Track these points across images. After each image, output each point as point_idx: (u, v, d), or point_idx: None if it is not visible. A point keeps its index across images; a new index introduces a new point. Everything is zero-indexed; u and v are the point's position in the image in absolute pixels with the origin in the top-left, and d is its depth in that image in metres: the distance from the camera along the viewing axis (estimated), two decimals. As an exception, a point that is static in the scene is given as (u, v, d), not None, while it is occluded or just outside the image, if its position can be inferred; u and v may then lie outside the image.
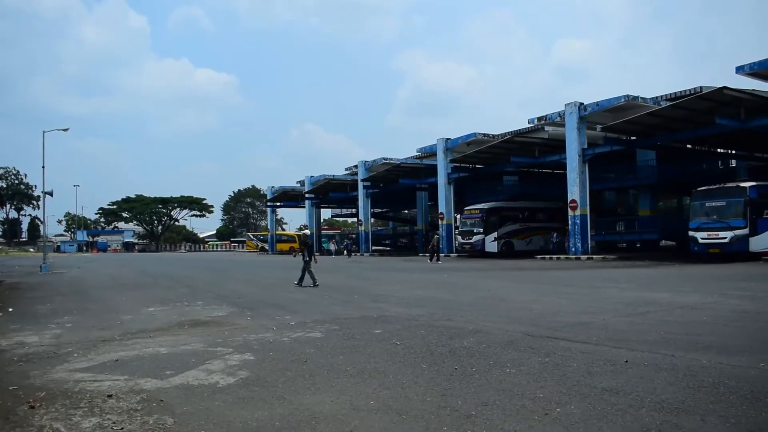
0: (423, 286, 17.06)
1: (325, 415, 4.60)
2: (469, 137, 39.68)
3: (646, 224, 35.55)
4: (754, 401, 4.60)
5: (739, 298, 11.67)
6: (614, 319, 9.14)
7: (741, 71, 25.06)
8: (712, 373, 5.50)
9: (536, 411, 4.52)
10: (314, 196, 59.61)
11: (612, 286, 15.13)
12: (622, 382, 5.25)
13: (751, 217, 24.25)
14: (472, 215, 38.03)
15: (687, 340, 7.13)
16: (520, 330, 8.18)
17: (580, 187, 31.27)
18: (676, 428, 4.04)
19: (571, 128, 31.45)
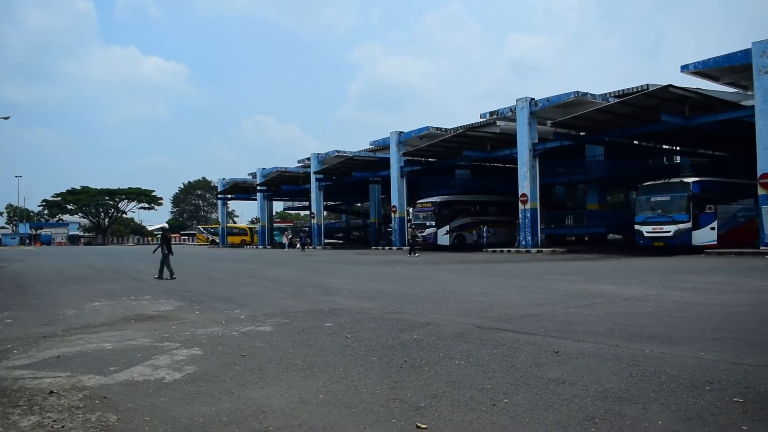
0: (375, 279, 17.08)
1: (273, 409, 4.56)
2: (422, 131, 39.88)
3: (594, 218, 36.35)
4: (693, 389, 4.74)
5: (681, 289, 12.01)
6: (562, 310, 9.30)
7: (686, 70, 25.76)
8: (654, 362, 5.65)
9: (484, 402, 4.57)
10: (266, 189, 59.06)
11: (560, 279, 15.41)
12: (568, 373, 5.35)
13: (694, 212, 25.02)
14: (425, 208, 38.28)
15: (631, 331, 7.30)
16: (470, 322, 8.25)
17: (531, 182, 31.75)
18: (619, 416, 4.13)
19: (522, 123, 31.89)
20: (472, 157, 37.43)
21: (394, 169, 41.78)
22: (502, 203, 38.73)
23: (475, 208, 39.09)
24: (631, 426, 3.94)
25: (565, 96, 30.37)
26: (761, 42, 23.19)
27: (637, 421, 4.02)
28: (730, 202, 27.40)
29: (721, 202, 26.33)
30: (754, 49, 23.36)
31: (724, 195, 26.92)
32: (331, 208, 68.91)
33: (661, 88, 24.39)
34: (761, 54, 23.10)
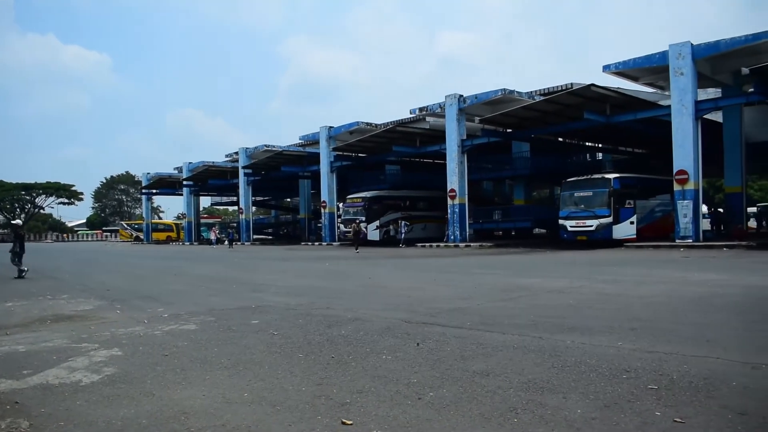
0: (304, 275, 16.96)
1: (195, 409, 4.43)
2: (352, 126, 39.85)
3: (520, 213, 37.20)
4: (611, 378, 4.89)
5: (602, 282, 12.43)
6: (488, 304, 9.45)
7: (607, 70, 26.66)
8: (575, 353, 5.80)
9: (410, 396, 4.58)
10: (193, 184, 57.79)
11: (487, 273, 15.69)
12: (492, 365, 5.42)
13: (614, 207, 25.96)
14: (355, 204, 38.29)
15: (554, 323, 7.48)
16: (397, 317, 8.28)
17: (459, 177, 32.21)
18: (540, 406, 4.21)
19: (451, 120, 32.32)
20: (401, 153, 37.67)
21: (324, 164, 41.60)
22: (432, 198, 39.16)
23: (404, 204, 39.37)
24: (551, 415, 4.03)
25: (492, 93, 30.94)
26: (677, 44, 24.22)
27: (557, 410, 4.11)
28: (648, 198, 28.63)
29: (640, 198, 27.44)
30: (671, 51, 24.37)
31: (642, 191, 28.06)
32: (260, 203, 68.06)
33: (584, 87, 25.16)
34: (677, 56, 24.13)
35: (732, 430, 3.67)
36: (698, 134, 24.24)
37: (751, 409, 4.02)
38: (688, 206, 24.04)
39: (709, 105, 25.54)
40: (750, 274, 13.32)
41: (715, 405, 4.14)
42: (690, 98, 24.03)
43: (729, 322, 7.38)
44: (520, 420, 3.95)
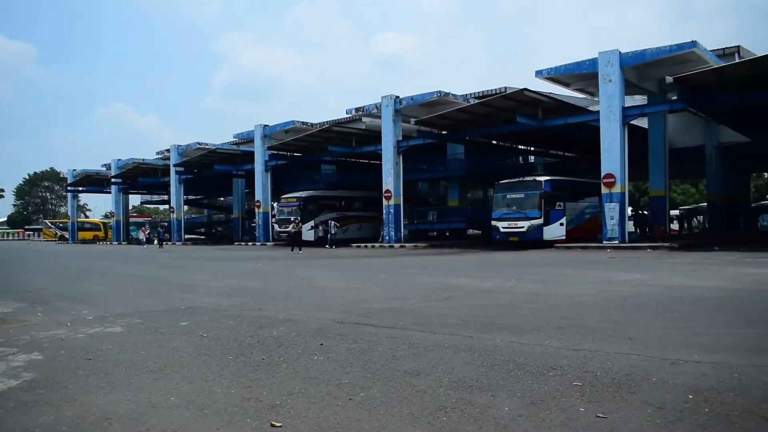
0: (237, 275, 16.71)
1: (119, 415, 4.29)
2: (288, 125, 39.54)
3: (454, 214, 37.69)
4: (538, 375, 5.00)
5: (532, 282, 12.71)
6: (421, 304, 9.53)
7: (540, 75, 27.29)
8: (504, 351, 5.91)
9: (341, 397, 4.56)
10: (122, 181, 56.12)
11: (421, 273, 15.81)
12: (423, 364, 5.46)
13: (545, 209, 26.60)
14: (290, 203, 37.95)
15: (484, 322, 7.60)
16: (330, 317, 8.25)
17: (395, 178, 32.38)
18: (469, 404, 4.27)
19: (387, 120, 32.46)
20: (337, 153, 37.58)
21: (258, 163, 41.10)
22: (367, 199, 39.24)
23: (340, 204, 39.30)
24: (479, 413, 4.09)
25: (428, 95, 31.25)
26: (607, 52, 25.00)
27: (485, 408, 4.18)
28: (578, 200, 29.45)
29: (570, 200, 28.21)
30: (600, 58, 25.14)
31: (572, 193, 28.85)
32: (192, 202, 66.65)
33: (517, 92, 25.68)
34: (606, 63, 24.91)
35: (651, 424, 3.81)
36: (625, 139, 25.09)
37: (668, 404, 4.18)
38: (615, 209, 24.84)
39: (636, 111, 26.47)
40: (671, 275, 13.86)
41: (636, 400, 4.29)
42: (617, 104, 24.84)
43: (651, 320, 7.65)
44: (449, 419, 4.00)
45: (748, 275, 13.11)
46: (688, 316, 7.84)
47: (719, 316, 7.78)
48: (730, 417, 3.90)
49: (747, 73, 21.78)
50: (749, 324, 7.17)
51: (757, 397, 4.28)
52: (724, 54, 28.39)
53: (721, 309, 8.40)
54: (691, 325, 7.18)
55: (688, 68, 23.80)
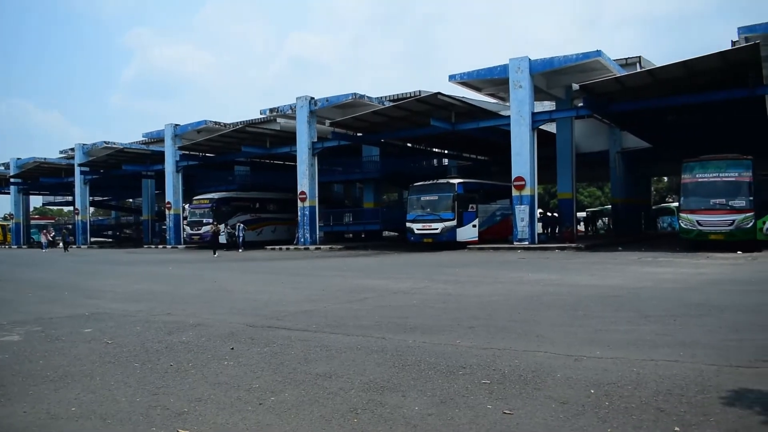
0: (145, 279, 16.18)
1: (16, 428, 4.07)
2: (200, 124, 38.64)
3: (370, 216, 37.81)
4: (448, 374, 5.08)
5: (445, 282, 12.90)
6: (335, 306, 9.50)
7: (453, 79, 27.78)
8: (416, 352, 5.97)
9: (251, 401, 4.49)
10: (21, 182, 53.17)
11: (336, 275, 15.79)
12: (335, 366, 5.45)
13: (458, 211, 27.07)
14: (202, 205, 37.06)
15: (397, 323, 7.66)
16: (242, 321, 8.10)
17: (310, 179, 32.20)
18: (380, 405, 4.29)
19: (302, 122, 32.25)
20: (251, 154, 36.99)
21: (169, 164, 39.90)
22: (282, 200, 38.85)
23: (254, 205, 38.72)
24: (390, 413, 4.11)
25: (343, 97, 31.25)
26: (517, 59, 25.73)
27: (396, 409, 4.21)
28: (490, 202, 30.17)
29: (482, 202, 28.86)
30: (511, 65, 25.85)
31: (484, 195, 29.53)
32: (99, 203, 63.97)
33: (431, 95, 26.07)
34: (516, 70, 25.63)
35: (554, 419, 3.94)
36: (534, 143, 25.89)
37: (571, 398, 4.34)
38: (525, 211, 25.59)
39: (544, 117, 27.37)
40: (577, 274, 14.41)
41: (541, 396, 4.43)
42: (527, 110, 25.61)
43: (557, 318, 7.92)
44: (360, 420, 4.00)
45: (648, 274, 13.78)
46: (593, 314, 8.16)
47: (621, 314, 8.13)
48: (628, 409, 4.08)
49: (646, 82, 22.95)
50: (648, 321, 7.53)
51: (653, 390, 4.51)
52: (627, 64, 29.83)
53: (623, 307, 8.79)
54: (595, 323, 7.48)
55: (593, 76, 24.83)
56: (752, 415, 3.90)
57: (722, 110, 25.64)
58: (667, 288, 10.90)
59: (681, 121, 28.58)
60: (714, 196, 21.05)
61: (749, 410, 3.98)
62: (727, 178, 21.12)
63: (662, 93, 23.47)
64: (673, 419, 3.87)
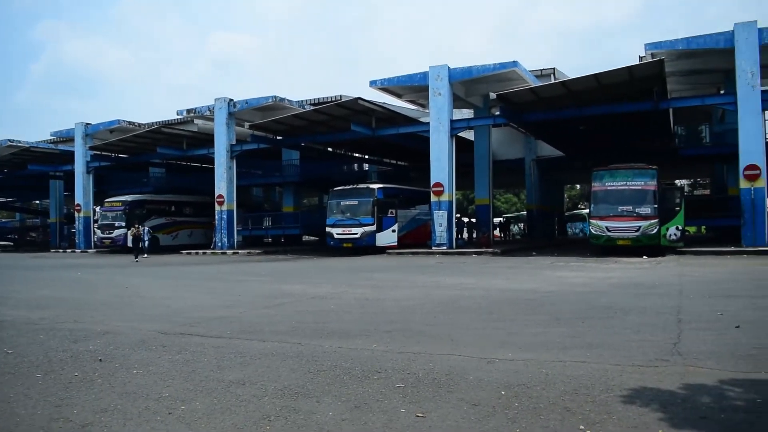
0: (52, 285, 15.44)
1: None
2: (113, 124, 37.34)
3: (289, 220, 37.56)
4: (363, 379, 5.09)
5: (363, 287, 12.94)
6: (251, 311, 9.36)
7: (374, 85, 27.95)
8: (332, 357, 5.95)
9: (160, 411, 4.35)
10: None
11: (253, 280, 15.56)
12: (249, 373, 5.36)
13: (378, 216, 27.23)
14: (114, 208, 35.74)
15: (314, 328, 7.61)
16: (153, 328, 7.85)
17: (228, 183, 31.66)
18: (293, 412, 4.25)
19: (221, 123, 31.67)
20: (167, 155, 36.02)
21: (79, 164, 38.27)
22: (200, 204, 37.97)
23: (170, 208, 37.67)
24: (304, 420, 4.08)
25: (263, 99, 30.92)
26: (437, 67, 26.14)
27: (310, 415, 4.18)
28: (409, 207, 30.51)
29: (402, 207, 29.15)
30: (431, 72, 26.24)
31: (404, 201, 29.84)
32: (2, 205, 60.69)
33: (352, 101, 26.13)
34: (436, 77, 26.05)
35: (466, 420, 4.01)
36: (453, 150, 26.37)
37: (483, 400, 4.43)
38: (443, 216, 26.00)
39: (463, 124, 27.92)
40: (492, 278, 14.75)
41: (454, 398, 4.50)
42: (446, 117, 26.06)
43: (472, 322, 8.08)
44: (273, 427, 3.95)
45: (560, 278, 14.26)
46: (506, 317, 8.37)
47: (533, 317, 8.37)
48: (536, 409, 4.20)
49: (560, 93, 23.80)
50: (558, 323, 7.78)
51: (561, 390, 4.66)
52: (542, 75, 30.89)
53: (536, 310, 9.06)
54: (508, 326, 7.67)
55: (510, 86, 25.53)
56: (651, 412, 4.09)
57: (631, 121, 26.86)
58: (577, 291, 11.29)
59: (592, 131, 29.77)
60: (622, 204, 22.01)
61: (648, 407, 4.18)
62: (634, 186, 22.13)
63: (575, 104, 24.39)
64: (578, 418, 4.02)
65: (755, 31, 21.07)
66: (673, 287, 11.50)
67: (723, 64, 22.95)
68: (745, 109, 21.49)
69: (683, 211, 22.33)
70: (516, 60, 25.04)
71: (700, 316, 8.07)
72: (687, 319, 7.76)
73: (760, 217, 21.42)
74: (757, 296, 10.05)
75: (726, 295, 10.31)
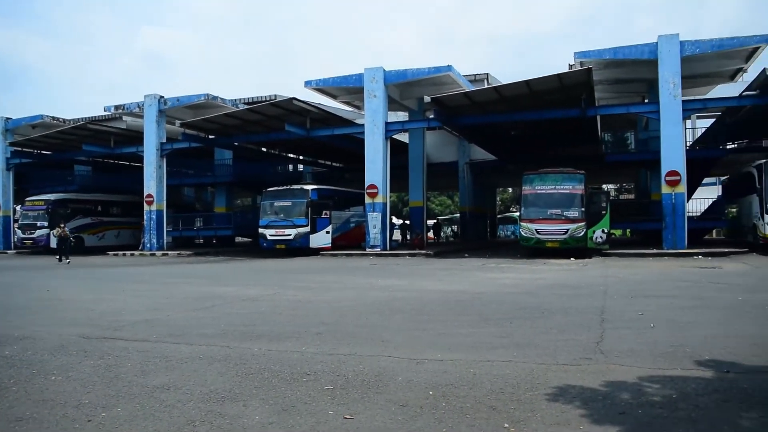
0: (-34, 287, 14.70)
1: None
2: (36, 119, 35.87)
3: (222, 221, 36.88)
4: (292, 382, 5.04)
5: (295, 289, 12.82)
6: (179, 314, 9.14)
7: (309, 85, 27.80)
8: (260, 360, 5.87)
9: (79, 419, 4.19)
10: None
11: (183, 282, 15.21)
12: (175, 378, 5.22)
13: (312, 217, 27.07)
14: (36, 207, 34.25)
15: (243, 331, 7.50)
16: (75, 332, 7.56)
17: (157, 182, 30.88)
18: (219, 416, 4.17)
19: (150, 121, 30.86)
20: (94, 153, 34.80)
21: (-3, 160, 36.62)
22: (128, 203, 36.84)
23: (96, 208, 36.40)
24: (230, 424, 4.01)
25: (195, 97, 30.33)
26: (372, 69, 26.22)
27: (236, 419, 4.11)
28: (344, 209, 30.45)
29: (336, 209, 29.06)
30: (366, 74, 26.30)
31: (338, 202, 29.75)
32: None
33: (286, 100, 25.91)
34: (371, 79, 26.12)
35: (393, 421, 4.02)
36: (387, 152, 26.49)
37: (411, 401, 4.45)
38: (377, 218, 26.08)
39: (397, 127, 28.10)
40: (425, 280, 14.87)
41: (382, 400, 4.50)
42: (381, 119, 26.16)
43: (403, 323, 8.12)
44: (197, 433, 3.86)
45: (491, 279, 14.51)
46: (436, 318, 8.45)
47: (463, 317, 8.48)
48: (463, 409, 4.26)
49: (492, 98, 24.23)
50: (487, 323, 7.91)
51: (487, 389, 4.74)
52: (476, 79, 31.41)
53: (466, 310, 9.18)
54: (438, 327, 7.74)
55: (444, 90, 25.84)
56: (573, 409, 4.20)
57: (561, 127, 27.58)
58: (507, 292, 11.51)
59: (524, 136, 30.45)
60: (551, 207, 22.59)
61: (570, 405, 4.29)
62: (563, 190, 22.75)
63: (507, 109, 24.89)
64: (503, 416, 4.09)
65: (677, 43, 22.01)
66: (598, 288, 11.87)
67: (647, 74, 23.89)
68: (666, 117, 22.43)
69: (609, 215, 23.11)
70: (450, 64, 25.38)
71: (622, 315, 8.34)
72: (610, 319, 8.01)
73: (680, 221, 22.38)
74: (675, 296, 10.47)
75: (647, 295, 10.70)
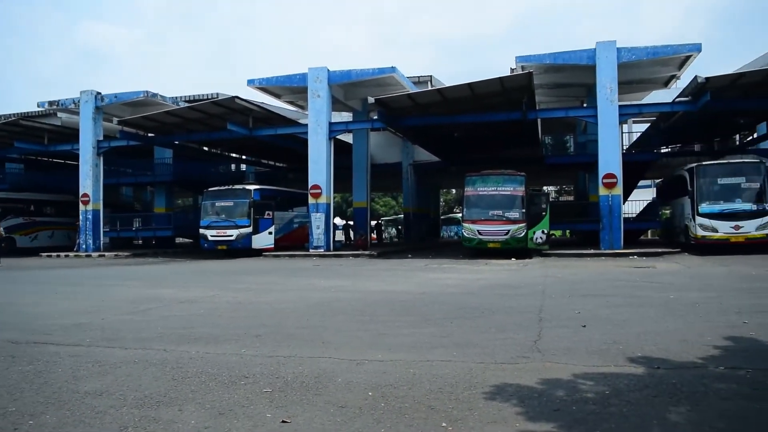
0: None
1: None
2: (-37, 115, 34.37)
3: (162, 221, 36.05)
4: (229, 385, 4.97)
5: (236, 291, 12.63)
6: (114, 317, 8.88)
7: (252, 84, 27.48)
8: (198, 363, 5.75)
9: (4, 428, 4.02)
10: None
11: (119, 284, 14.80)
12: (108, 383, 5.07)
13: (254, 217, 26.76)
14: (-38, 206, 32.85)
15: (181, 334, 7.34)
16: (3, 337, 7.24)
17: (94, 181, 29.98)
18: (153, 421, 4.07)
19: (86, 118, 29.94)
20: (26, 150, 33.55)
21: None
22: (62, 203, 35.66)
23: (28, 207, 35.10)
24: (164, 429, 3.92)
25: (134, 94, 29.60)
26: (316, 69, 26.09)
27: (170, 424, 4.02)
28: (287, 209, 30.22)
29: (279, 209, 28.78)
30: (310, 74, 26.16)
31: (281, 202, 29.48)
32: None
33: (228, 99, 25.53)
34: (315, 79, 26.00)
35: (332, 423, 4.00)
36: (331, 153, 26.39)
37: (350, 402, 4.44)
38: (321, 218, 25.96)
39: (341, 127, 28.03)
40: (368, 280, 14.88)
41: (321, 401, 4.48)
42: (325, 119, 26.04)
43: (345, 324, 8.10)
44: (129, 439, 3.75)
45: (433, 279, 14.61)
46: (378, 319, 8.46)
47: (405, 318, 8.51)
48: (402, 409, 4.27)
49: (436, 100, 24.42)
50: (428, 323, 7.96)
51: (426, 389, 4.77)
52: (420, 81, 31.60)
53: (408, 311, 9.22)
54: (379, 327, 7.75)
55: (388, 91, 25.90)
56: (510, 407, 4.27)
57: (503, 130, 28.01)
58: (449, 293, 11.62)
59: (467, 138, 30.77)
60: (492, 208, 22.91)
61: (507, 403, 4.36)
62: (504, 191, 23.12)
63: (450, 111, 25.12)
64: (441, 415, 4.12)
65: (614, 50, 22.65)
66: (537, 288, 12.10)
67: (586, 79, 24.49)
68: (604, 121, 23.05)
69: (549, 216, 23.59)
70: (394, 66, 25.48)
71: (559, 314, 8.51)
72: (548, 318, 8.18)
73: (616, 222, 23.03)
74: (611, 295, 10.75)
75: (584, 294, 10.96)
